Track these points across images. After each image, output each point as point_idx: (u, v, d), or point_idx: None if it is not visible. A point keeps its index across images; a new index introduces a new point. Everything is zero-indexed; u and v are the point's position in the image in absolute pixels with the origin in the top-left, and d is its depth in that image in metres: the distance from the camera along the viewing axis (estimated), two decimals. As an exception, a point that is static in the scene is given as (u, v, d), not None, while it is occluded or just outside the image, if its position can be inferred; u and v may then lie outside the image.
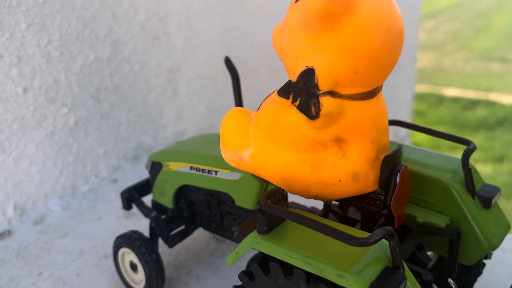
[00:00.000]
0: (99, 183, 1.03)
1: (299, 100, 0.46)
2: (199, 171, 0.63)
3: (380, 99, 0.49)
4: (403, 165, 0.50)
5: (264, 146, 0.49)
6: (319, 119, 0.45)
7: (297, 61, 0.46)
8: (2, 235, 0.85)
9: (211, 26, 1.20)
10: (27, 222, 0.89)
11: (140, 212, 0.72)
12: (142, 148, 1.12)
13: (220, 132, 0.52)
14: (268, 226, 0.45)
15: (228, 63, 0.68)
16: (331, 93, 0.45)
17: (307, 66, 0.44)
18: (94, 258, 0.79)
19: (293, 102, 0.46)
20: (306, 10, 0.43)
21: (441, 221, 0.54)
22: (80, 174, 1.00)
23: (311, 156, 0.47)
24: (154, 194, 0.71)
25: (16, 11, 0.84)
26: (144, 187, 0.74)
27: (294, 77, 0.46)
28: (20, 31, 0.85)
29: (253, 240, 0.46)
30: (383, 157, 0.48)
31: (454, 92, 4.71)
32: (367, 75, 0.45)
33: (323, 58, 0.44)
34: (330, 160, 0.47)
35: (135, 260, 0.66)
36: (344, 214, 0.58)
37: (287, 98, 0.47)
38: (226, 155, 0.52)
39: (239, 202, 0.60)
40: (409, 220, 0.56)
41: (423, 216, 0.55)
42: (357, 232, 0.43)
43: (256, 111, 0.51)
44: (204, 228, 0.68)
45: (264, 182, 0.57)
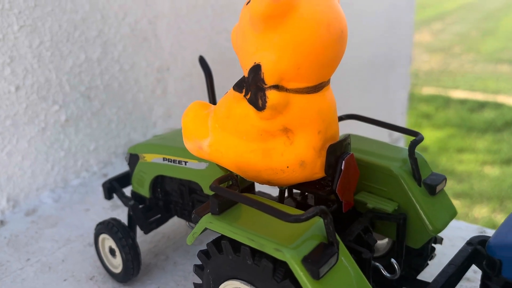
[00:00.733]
0: (90, 178, 1.08)
1: (250, 93, 0.50)
2: (171, 161, 0.68)
3: (326, 93, 0.53)
4: (348, 153, 0.54)
5: (220, 136, 0.53)
6: (265, 111, 0.49)
7: (248, 58, 0.50)
8: (-5, 225, 0.90)
9: (200, 28, 1.25)
10: (19, 213, 0.95)
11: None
12: (132, 145, 1.17)
13: (182, 124, 0.57)
14: (220, 207, 0.50)
15: (202, 62, 0.73)
16: (276, 87, 0.49)
17: (255, 63, 0.49)
18: (79, 246, 0.84)
19: (245, 95, 0.51)
20: (251, 11, 0.48)
21: (389, 207, 0.59)
22: (71, 168, 1.05)
23: (261, 145, 0.52)
24: (133, 185, 0.76)
25: (8, 14, 0.89)
26: (125, 178, 0.79)
27: (246, 73, 0.50)
28: (12, 32, 0.90)
29: (206, 220, 0.50)
30: (328, 145, 0.53)
31: (462, 94, 4.71)
32: (310, 70, 0.49)
33: (269, 55, 0.48)
34: (279, 148, 0.52)
35: (113, 245, 0.71)
36: (303, 201, 0.63)
37: (241, 92, 0.51)
38: (187, 145, 0.57)
39: (206, 191, 0.64)
40: (361, 206, 0.61)
41: (373, 202, 0.60)
42: (295, 211, 0.47)
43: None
44: (178, 216, 0.73)
45: (227, 171, 0.61)
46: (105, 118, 1.10)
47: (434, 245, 0.63)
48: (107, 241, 0.72)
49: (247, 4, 0.51)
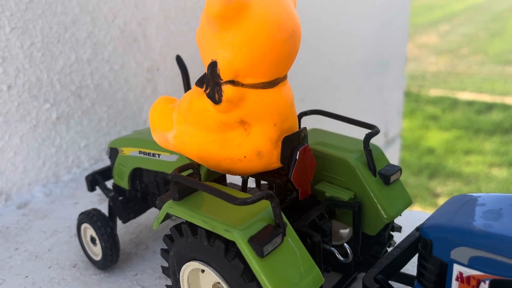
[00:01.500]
0: (81, 173, 1.12)
1: (208, 88, 0.54)
2: (146, 154, 0.72)
3: (283, 88, 0.57)
4: (303, 144, 0.58)
5: (183, 128, 0.58)
6: (222, 104, 0.53)
7: (207, 56, 0.55)
8: (-13, 217, 0.95)
9: (189, 29, 1.30)
10: (11, 207, 0.99)
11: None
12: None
13: (149, 117, 0.61)
14: (179, 194, 0.54)
15: (178, 61, 0.77)
16: (232, 82, 0.53)
17: (212, 60, 0.53)
18: (65, 237, 0.88)
19: (204, 90, 0.55)
20: (207, 12, 0.52)
21: (345, 195, 0.62)
22: (62, 164, 1.10)
23: (220, 136, 0.56)
24: (114, 178, 0.80)
25: (0, 17, 0.94)
26: (108, 172, 0.83)
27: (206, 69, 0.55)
28: (4, 34, 0.95)
29: (168, 206, 0.54)
30: (283, 137, 0.56)
31: (469, 96, 4.71)
32: (264, 67, 0.53)
33: (224, 52, 0.53)
34: (236, 139, 0.55)
35: (94, 234, 0.75)
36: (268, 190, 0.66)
37: (202, 87, 0.56)
38: (155, 137, 0.61)
39: (177, 181, 0.68)
40: (320, 195, 0.64)
41: (330, 191, 0.63)
42: (245, 195, 0.51)
43: (182, 99, 0.60)
44: (155, 207, 0.77)
45: (196, 163, 0.65)
46: (95, 116, 1.15)
47: (392, 233, 0.67)
48: (89, 230, 0.77)
49: None
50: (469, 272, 0.44)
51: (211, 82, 0.54)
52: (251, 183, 0.69)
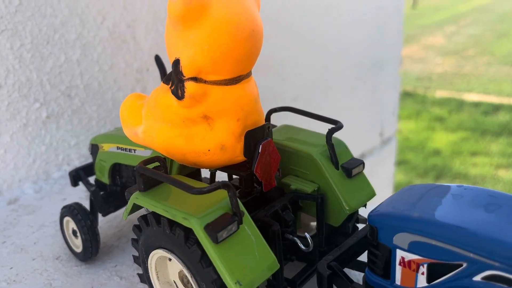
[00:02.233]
0: (71, 171, 1.15)
1: (173, 85, 0.57)
2: (123, 150, 0.75)
3: (246, 85, 0.60)
4: (266, 138, 0.61)
5: (151, 123, 0.61)
6: (184, 100, 0.56)
7: (172, 54, 0.58)
8: (-22, 212, 0.98)
9: (178, 31, 1.32)
10: (1, 202, 1.03)
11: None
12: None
13: (120, 113, 0.64)
14: (145, 185, 0.57)
15: (157, 60, 0.80)
16: (195, 79, 0.56)
17: (176, 58, 0.56)
18: (51, 231, 0.91)
19: (170, 87, 0.58)
20: (169, 13, 0.55)
21: (309, 187, 0.65)
22: (52, 162, 1.13)
23: (184, 130, 0.58)
24: (96, 173, 0.83)
25: (-10, 19, 0.97)
26: (91, 168, 0.87)
27: (172, 67, 0.57)
28: (-6, 36, 0.98)
29: (134, 196, 0.57)
30: (245, 131, 0.59)
31: (476, 97, 4.71)
32: (226, 65, 0.56)
33: (187, 51, 0.55)
34: (200, 133, 0.58)
35: (75, 227, 0.78)
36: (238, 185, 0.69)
37: (168, 84, 0.59)
38: (126, 132, 0.64)
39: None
40: (286, 188, 0.67)
41: (295, 184, 0.66)
42: (203, 185, 0.54)
43: (152, 96, 0.63)
44: (134, 200, 0.80)
45: (169, 157, 0.68)
46: (85, 115, 1.18)
47: (357, 224, 0.70)
48: (70, 223, 0.80)
49: None
50: (409, 257, 0.47)
51: (175, 79, 0.57)
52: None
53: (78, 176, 0.85)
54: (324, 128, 0.74)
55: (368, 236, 0.51)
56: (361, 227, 0.72)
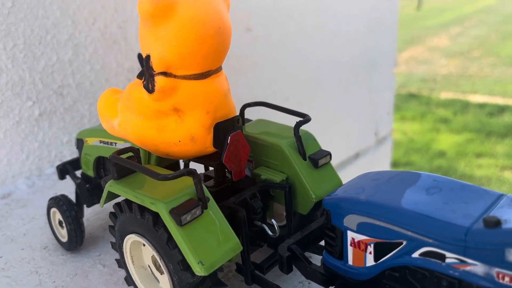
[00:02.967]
0: (63, 167, 1.19)
1: (145, 79, 0.61)
2: (105, 143, 0.79)
3: (216, 79, 0.63)
4: (235, 130, 0.64)
5: (125, 116, 0.64)
6: (155, 93, 0.60)
7: (144, 50, 0.61)
8: (-28, 206, 1.02)
9: (169, 31, 1.36)
10: (-5, 197, 1.07)
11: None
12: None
13: (97, 107, 0.68)
14: (118, 173, 0.60)
15: (140, 58, 0.84)
16: (164, 73, 0.60)
17: (147, 54, 0.60)
18: (41, 223, 0.95)
19: (143, 81, 0.61)
20: (138, 11, 0.58)
21: (277, 177, 0.68)
22: (45, 158, 1.17)
23: (156, 122, 0.62)
24: (82, 167, 0.87)
25: (-17, 20, 1.01)
26: (78, 162, 0.90)
27: (145, 63, 0.61)
28: (-13, 36, 1.02)
29: (109, 185, 0.61)
30: (214, 124, 0.63)
31: (481, 99, 4.71)
32: (194, 60, 0.60)
33: (156, 47, 0.59)
34: (171, 125, 0.62)
35: (61, 217, 0.82)
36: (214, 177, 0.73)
37: (141, 79, 0.62)
38: (103, 124, 0.68)
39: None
40: (258, 178, 0.71)
41: (266, 174, 0.70)
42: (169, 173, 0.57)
43: (128, 91, 0.67)
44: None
45: (147, 150, 0.72)
46: (77, 113, 1.22)
47: (326, 213, 0.73)
48: (57, 214, 0.83)
49: None
50: (358, 237, 0.50)
51: (146, 74, 0.60)
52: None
53: (65, 169, 0.89)
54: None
55: (324, 220, 0.55)
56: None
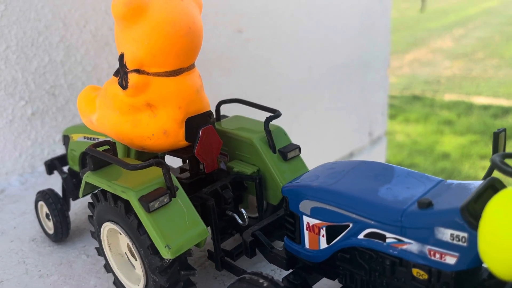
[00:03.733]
0: (56, 165, 1.23)
1: (120, 77, 0.65)
2: (88, 139, 0.82)
3: (188, 77, 0.67)
4: (207, 125, 0.68)
5: (103, 111, 0.68)
6: (128, 90, 0.64)
7: (118, 49, 0.65)
8: (-34, 201, 1.06)
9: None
10: (-11, 193, 1.11)
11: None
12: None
13: (77, 103, 0.71)
14: (94, 165, 0.64)
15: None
16: (137, 71, 0.63)
17: (121, 52, 0.64)
18: (31, 217, 0.99)
19: (118, 79, 0.65)
20: (112, 13, 0.62)
21: (249, 170, 0.72)
22: (38, 156, 1.21)
23: (130, 117, 0.66)
24: (69, 162, 0.91)
25: (-23, 23, 1.05)
26: (65, 158, 0.94)
27: (120, 61, 0.65)
28: (-19, 38, 1.07)
29: (86, 176, 0.65)
30: (186, 118, 0.66)
31: (485, 100, 4.71)
32: (166, 59, 0.63)
33: (129, 46, 0.63)
34: (144, 120, 0.66)
35: (47, 210, 0.86)
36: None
37: (117, 76, 0.66)
38: (83, 120, 0.72)
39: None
40: (231, 170, 0.74)
41: (238, 166, 0.73)
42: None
43: (107, 88, 0.70)
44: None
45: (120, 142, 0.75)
46: (70, 113, 1.26)
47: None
48: (44, 207, 0.87)
49: None
50: (312, 221, 0.54)
51: (121, 71, 0.64)
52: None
53: (53, 165, 0.93)
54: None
55: (283, 207, 0.58)
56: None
